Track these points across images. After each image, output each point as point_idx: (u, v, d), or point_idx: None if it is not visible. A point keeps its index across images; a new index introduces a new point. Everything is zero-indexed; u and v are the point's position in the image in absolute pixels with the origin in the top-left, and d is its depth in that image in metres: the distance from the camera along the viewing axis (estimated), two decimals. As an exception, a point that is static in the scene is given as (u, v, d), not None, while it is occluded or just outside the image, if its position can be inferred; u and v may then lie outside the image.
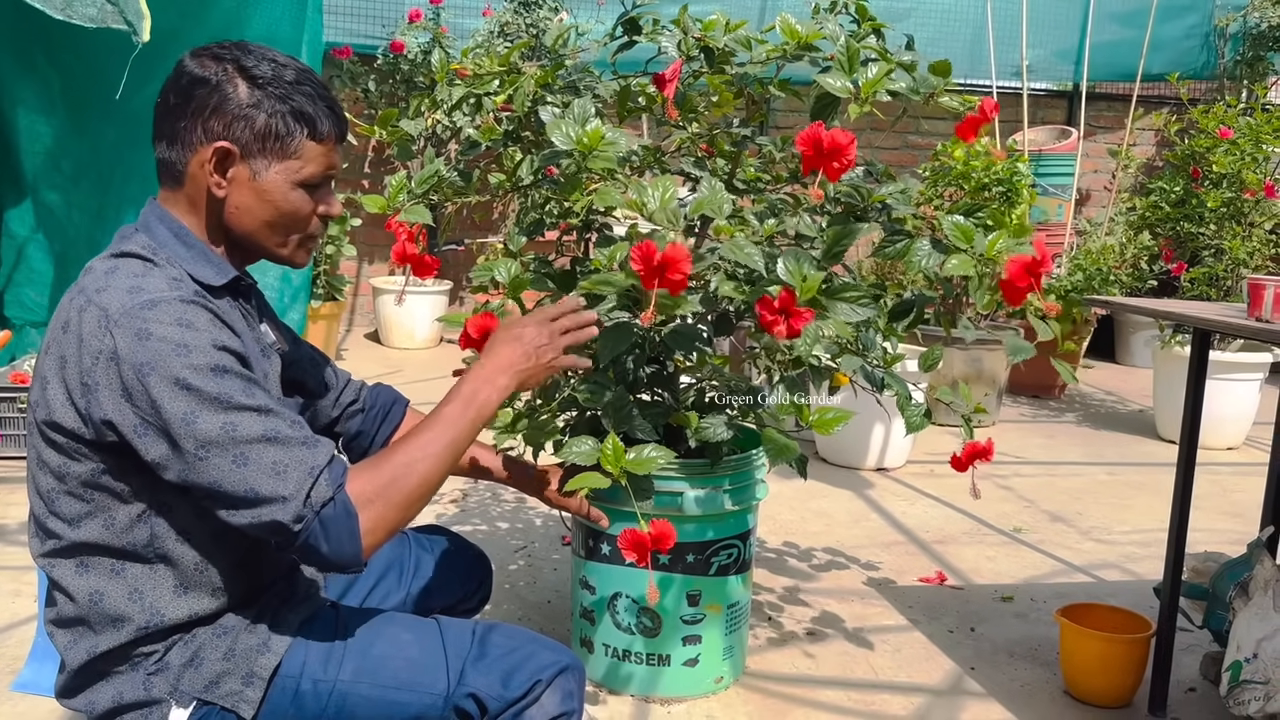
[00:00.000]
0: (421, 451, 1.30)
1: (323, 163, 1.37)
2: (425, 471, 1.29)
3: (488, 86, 2.04)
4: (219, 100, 1.31)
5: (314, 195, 1.38)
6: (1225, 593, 2.16)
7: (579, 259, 2.18)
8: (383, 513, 1.25)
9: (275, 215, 1.36)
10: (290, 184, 1.35)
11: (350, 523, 1.22)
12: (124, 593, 1.29)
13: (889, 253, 1.79)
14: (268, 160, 1.33)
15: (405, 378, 5.07)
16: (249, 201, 1.34)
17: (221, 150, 1.31)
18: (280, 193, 1.35)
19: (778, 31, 1.83)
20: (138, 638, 1.30)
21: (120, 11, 2.69)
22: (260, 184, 1.34)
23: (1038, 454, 4.28)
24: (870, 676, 2.33)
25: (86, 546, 1.28)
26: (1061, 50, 6.71)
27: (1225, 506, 3.64)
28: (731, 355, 3.86)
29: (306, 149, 1.35)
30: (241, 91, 1.31)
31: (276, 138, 1.32)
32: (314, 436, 1.25)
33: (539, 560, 2.91)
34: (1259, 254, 4.70)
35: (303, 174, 1.35)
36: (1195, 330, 2.09)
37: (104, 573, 1.29)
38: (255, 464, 1.19)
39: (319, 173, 1.37)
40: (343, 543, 1.22)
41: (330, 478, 1.22)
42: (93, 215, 4.17)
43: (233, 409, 1.20)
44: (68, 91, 4.07)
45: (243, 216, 1.35)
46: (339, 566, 1.24)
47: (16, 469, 3.53)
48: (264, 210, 1.35)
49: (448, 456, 1.32)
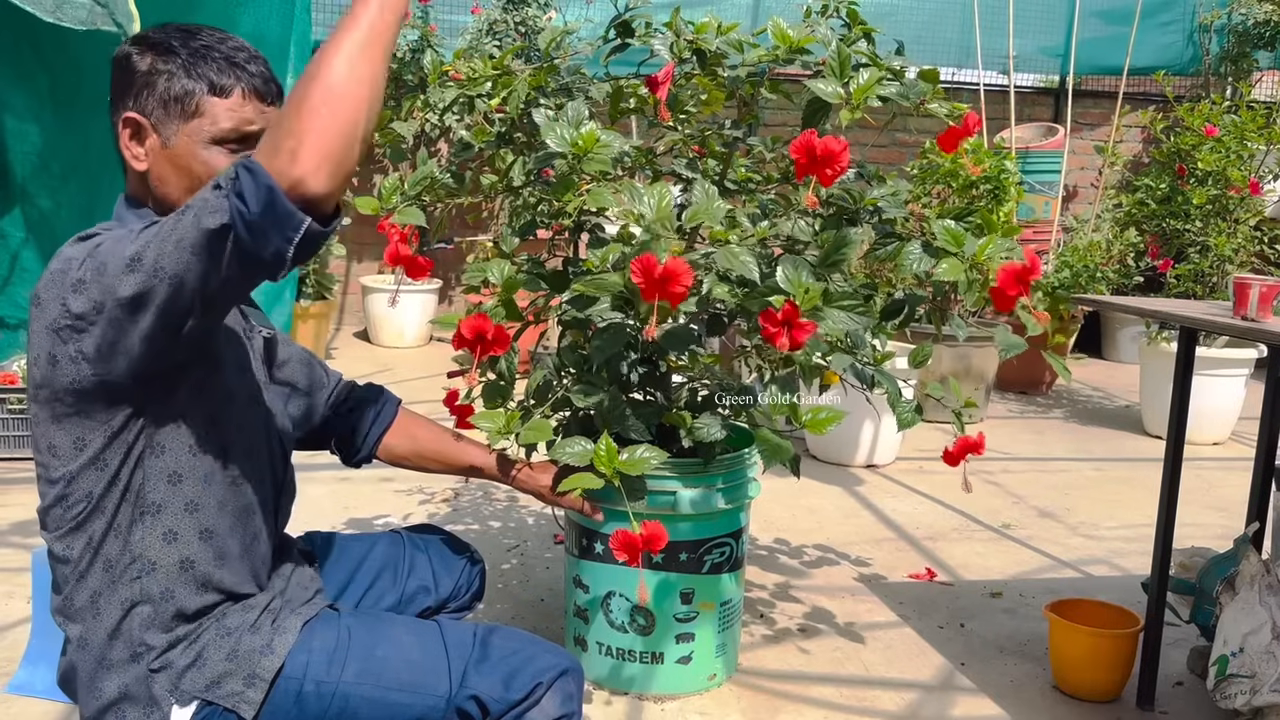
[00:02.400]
0: (329, 56, 1.10)
1: (233, 118, 1.33)
2: (341, 73, 1.09)
3: (481, 89, 2.05)
4: (126, 76, 1.33)
5: (239, 156, 1.33)
6: (1212, 588, 2.19)
7: (570, 259, 2.19)
8: (310, 134, 1.07)
9: (193, 179, 1.33)
10: (201, 144, 1.33)
11: (276, 164, 1.07)
12: (128, 577, 1.30)
13: (880, 255, 1.81)
14: (174, 124, 1.32)
15: (395, 376, 5.07)
16: (166, 170, 1.34)
17: (130, 121, 1.33)
18: (191, 154, 1.33)
19: (769, 35, 1.84)
20: (142, 620, 1.31)
21: (110, 13, 2.69)
22: (172, 150, 1.33)
23: (1026, 450, 4.31)
24: (861, 673, 2.35)
25: (90, 535, 1.30)
26: (1047, 46, 6.74)
27: (1211, 501, 3.67)
28: (722, 353, 3.88)
29: (211, 106, 1.32)
30: (145, 62, 1.32)
31: (177, 100, 1.32)
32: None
33: (532, 559, 2.92)
34: (1244, 250, 4.74)
35: (212, 131, 1.32)
36: (1182, 329, 2.12)
37: (108, 562, 1.30)
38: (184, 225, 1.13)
39: (233, 128, 1.33)
40: (270, 188, 1.07)
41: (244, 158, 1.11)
42: (82, 213, 4.16)
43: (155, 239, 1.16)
44: (56, 91, 4.06)
45: (166, 186, 1.35)
46: (297, 204, 1.08)
47: (8, 470, 3.52)
48: (180, 176, 1.33)
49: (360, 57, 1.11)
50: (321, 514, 3.07)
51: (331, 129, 1.07)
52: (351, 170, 1.11)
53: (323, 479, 3.33)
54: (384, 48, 1.13)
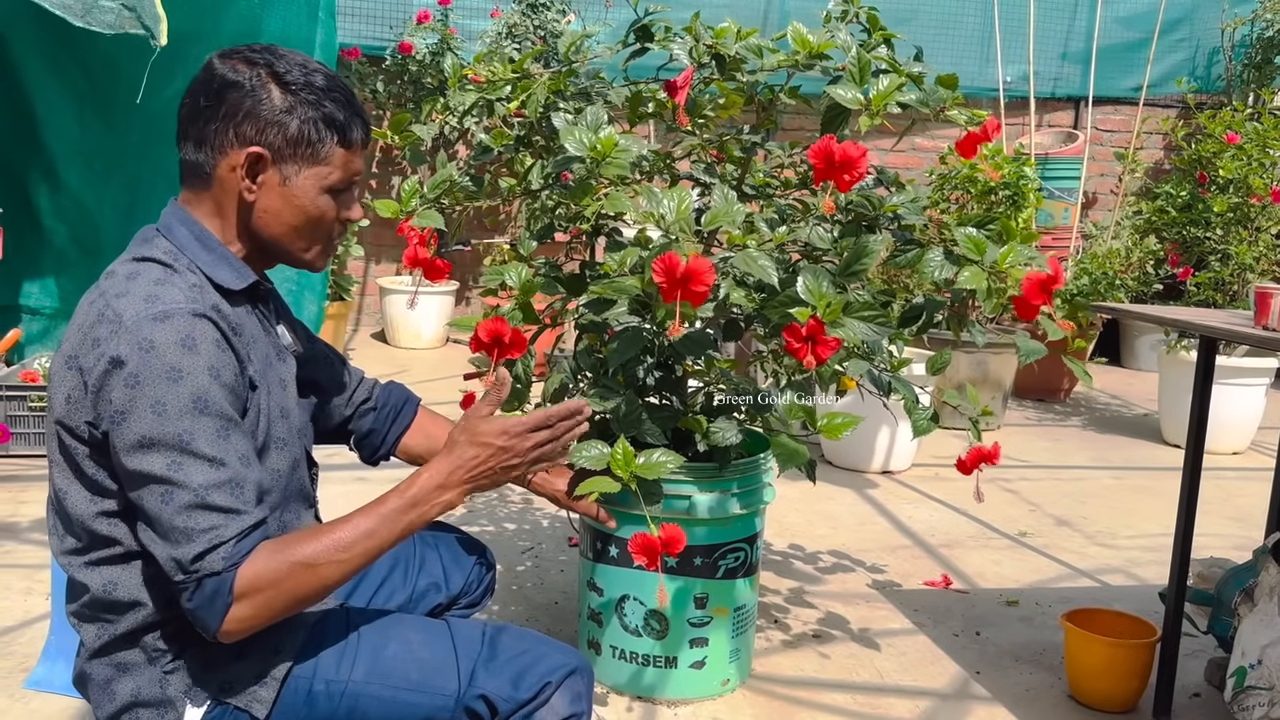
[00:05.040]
0: (335, 555, 1.28)
1: (350, 169, 1.39)
2: (327, 576, 1.27)
3: (500, 92, 2.06)
4: (252, 104, 1.32)
5: (338, 200, 1.40)
6: (1230, 599, 2.17)
7: (587, 263, 2.20)
8: (259, 609, 1.23)
9: (303, 220, 1.37)
10: (319, 189, 1.36)
11: (220, 606, 1.21)
12: (138, 581, 1.31)
13: (900, 261, 1.81)
14: (298, 166, 1.34)
15: (412, 377, 5.09)
16: (278, 206, 1.36)
17: (254, 155, 1.33)
18: (309, 198, 1.36)
19: (789, 40, 1.84)
20: (154, 622, 1.32)
21: (137, 16, 2.72)
22: (290, 189, 1.35)
23: (1043, 458, 4.29)
24: (876, 680, 2.34)
25: (100, 540, 1.30)
26: (1067, 54, 6.71)
27: (1230, 511, 3.64)
28: (738, 358, 3.88)
29: (336, 155, 1.36)
30: (275, 97, 1.33)
31: (309, 144, 1.34)
32: (244, 504, 1.24)
33: (546, 561, 2.93)
34: (1265, 259, 4.71)
35: (330, 179, 1.37)
36: (1202, 338, 2.10)
37: (118, 564, 1.31)
38: (174, 509, 1.20)
39: (346, 178, 1.39)
40: (206, 615, 1.21)
41: (230, 554, 1.21)
42: (124, 212, 4.24)
43: (187, 453, 1.21)
44: (95, 91, 4.13)
45: (271, 221, 1.37)
46: (196, 624, 1.24)
47: (28, 467, 3.55)
48: (292, 215, 1.37)
49: (360, 563, 1.31)
50: (337, 514, 3.07)
51: (292, 612, 1.28)
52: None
53: (339, 479, 3.34)
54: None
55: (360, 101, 1.42)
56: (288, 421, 1.44)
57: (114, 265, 1.34)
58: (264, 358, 1.39)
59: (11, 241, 3.94)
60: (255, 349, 1.37)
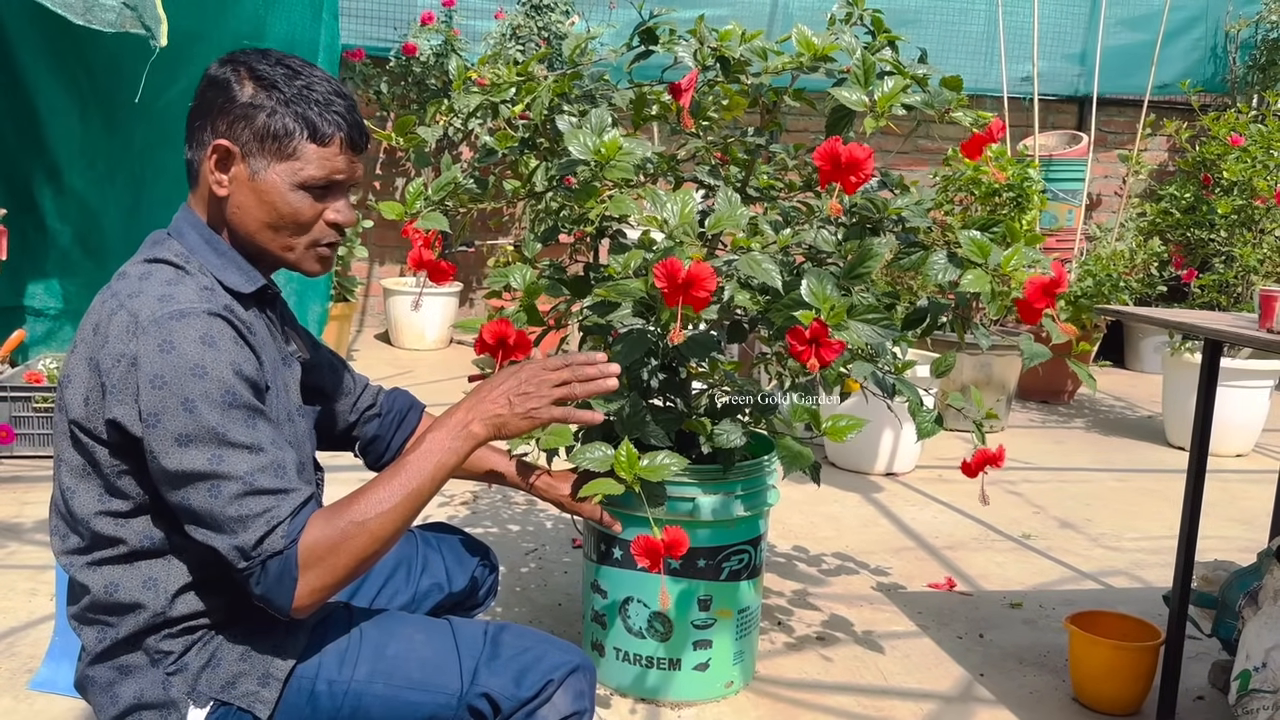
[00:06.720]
0: (378, 507, 1.29)
1: (325, 166, 1.36)
2: (378, 529, 1.28)
3: (504, 95, 2.06)
4: (224, 100, 1.33)
5: (321, 200, 1.38)
6: (1235, 601, 2.17)
7: (592, 265, 2.20)
8: (324, 577, 1.25)
9: (274, 216, 1.36)
10: (289, 185, 1.35)
11: (289, 583, 1.23)
12: (138, 582, 1.31)
13: (904, 264, 1.81)
14: (267, 160, 1.34)
15: (416, 379, 5.10)
16: (250, 201, 1.35)
17: (221, 148, 1.33)
18: (279, 194, 1.35)
19: (793, 42, 1.84)
20: (155, 624, 1.32)
21: (138, 16, 2.72)
22: (259, 184, 1.34)
23: (1047, 460, 4.29)
24: (880, 682, 2.34)
25: (104, 540, 1.31)
26: (1072, 55, 6.71)
27: (1234, 514, 3.64)
28: (742, 360, 3.88)
29: (307, 150, 1.34)
30: (245, 91, 1.33)
31: (275, 138, 1.33)
32: (290, 483, 1.26)
33: (550, 563, 2.93)
34: (1270, 261, 4.70)
35: (302, 175, 1.35)
36: (1206, 340, 2.10)
37: (120, 564, 1.31)
38: (225, 500, 1.22)
39: (320, 176, 1.36)
40: (278, 595, 1.24)
41: (288, 531, 1.23)
42: (128, 213, 4.24)
43: (225, 444, 1.22)
44: (98, 92, 4.14)
45: (243, 216, 1.36)
46: (270, 608, 1.26)
47: (32, 467, 3.56)
48: (263, 211, 1.36)
49: (406, 510, 1.31)
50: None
51: (359, 573, 1.29)
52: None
53: (345, 480, 3.34)
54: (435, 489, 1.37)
55: (354, 103, 1.40)
56: (292, 426, 1.44)
57: (126, 266, 1.34)
58: (272, 361, 1.40)
59: (15, 243, 3.95)
60: (265, 352, 1.37)
